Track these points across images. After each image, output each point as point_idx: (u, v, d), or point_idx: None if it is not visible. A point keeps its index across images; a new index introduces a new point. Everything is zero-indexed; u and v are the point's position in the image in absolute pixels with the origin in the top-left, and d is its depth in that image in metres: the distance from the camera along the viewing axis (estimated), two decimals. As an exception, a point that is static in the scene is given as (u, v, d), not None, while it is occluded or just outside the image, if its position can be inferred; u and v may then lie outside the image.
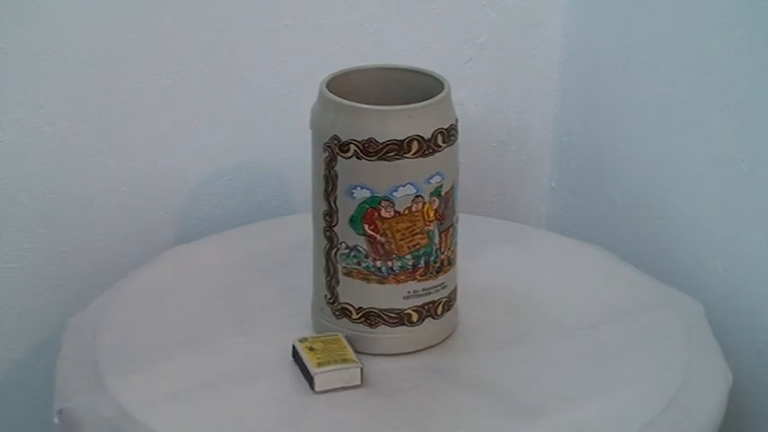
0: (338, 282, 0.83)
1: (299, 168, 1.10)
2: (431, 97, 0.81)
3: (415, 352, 0.85)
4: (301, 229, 1.01)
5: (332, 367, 0.80)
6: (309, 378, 0.80)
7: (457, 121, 0.82)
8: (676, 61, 1.02)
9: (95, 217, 1.03)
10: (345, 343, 0.83)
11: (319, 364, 0.80)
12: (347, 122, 0.79)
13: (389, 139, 0.79)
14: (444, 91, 0.81)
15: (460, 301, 0.88)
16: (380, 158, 0.79)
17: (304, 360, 0.81)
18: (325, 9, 1.06)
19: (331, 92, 0.81)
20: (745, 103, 0.95)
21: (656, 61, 1.05)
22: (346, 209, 0.81)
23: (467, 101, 1.14)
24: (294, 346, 0.83)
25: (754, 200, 0.95)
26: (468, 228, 0.91)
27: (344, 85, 0.82)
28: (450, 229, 0.84)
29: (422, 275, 0.83)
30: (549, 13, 1.16)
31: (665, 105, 1.04)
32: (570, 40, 1.16)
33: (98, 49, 0.98)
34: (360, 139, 0.79)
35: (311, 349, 0.82)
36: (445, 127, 0.81)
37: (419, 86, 0.84)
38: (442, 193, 0.82)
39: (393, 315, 0.83)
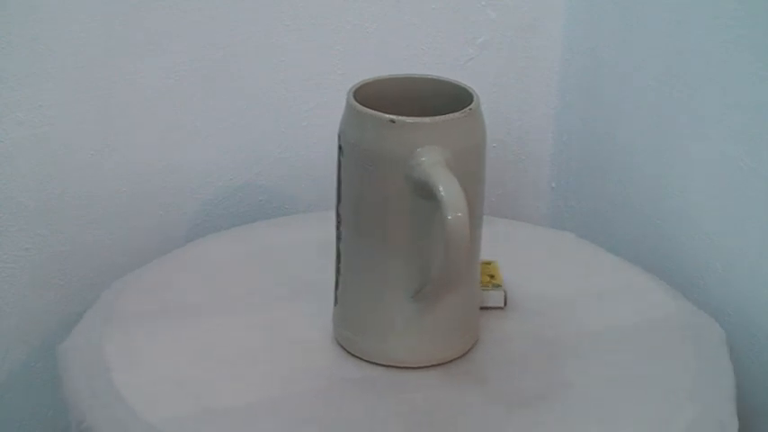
0: None
1: (299, 168, 1.11)
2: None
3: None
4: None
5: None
6: None
7: None
8: (676, 61, 1.02)
9: (95, 217, 1.03)
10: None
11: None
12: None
13: None
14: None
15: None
16: None
17: None
18: (325, 9, 1.06)
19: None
20: (745, 103, 0.95)
21: (655, 61, 1.05)
22: None
23: (467, 101, 1.14)
24: None
25: (754, 200, 0.95)
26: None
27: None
28: None
29: None
30: (549, 13, 1.16)
31: (665, 105, 1.04)
32: (570, 40, 1.16)
33: (98, 49, 0.98)
34: None
35: None
36: None
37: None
38: None
39: None
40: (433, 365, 0.83)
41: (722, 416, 0.80)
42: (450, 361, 0.83)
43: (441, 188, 0.74)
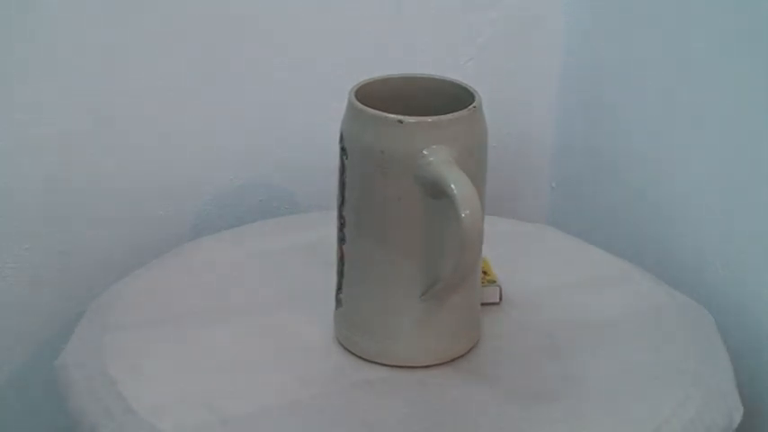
0: None
1: (299, 169, 1.11)
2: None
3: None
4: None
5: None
6: None
7: None
8: (676, 61, 1.02)
9: (95, 217, 1.03)
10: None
11: None
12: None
13: None
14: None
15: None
16: None
17: None
18: (325, 9, 1.06)
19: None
20: (745, 104, 0.95)
21: (656, 61, 1.05)
22: None
23: (467, 101, 1.14)
24: None
25: (754, 200, 0.95)
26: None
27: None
28: None
29: None
30: (549, 13, 1.16)
31: (665, 105, 1.04)
32: (570, 40, 1.16)
33: (98, 49, 0.98)
34: None
35: None
36: None
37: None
38: None
39: None
40: (437, 364, 0.83)
41: (727, 400, 0.82)
42: (455, 359, 0.83)
43: (453, 186, 0.74)
